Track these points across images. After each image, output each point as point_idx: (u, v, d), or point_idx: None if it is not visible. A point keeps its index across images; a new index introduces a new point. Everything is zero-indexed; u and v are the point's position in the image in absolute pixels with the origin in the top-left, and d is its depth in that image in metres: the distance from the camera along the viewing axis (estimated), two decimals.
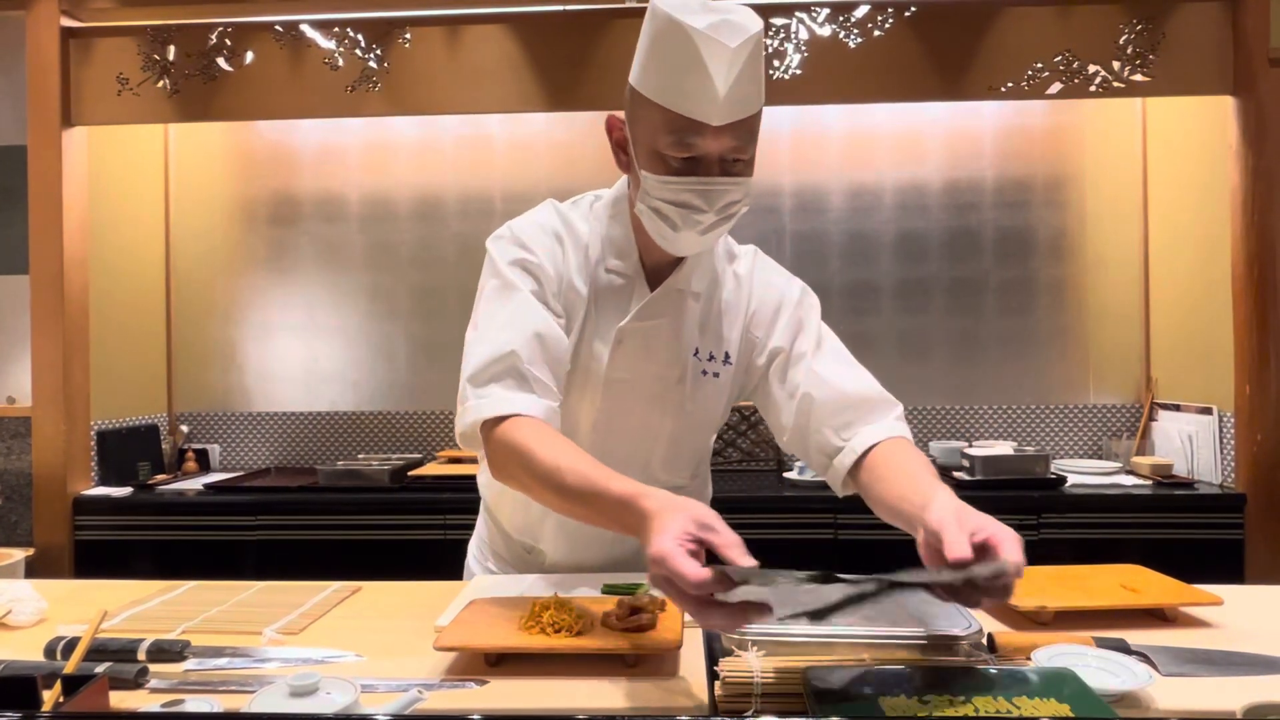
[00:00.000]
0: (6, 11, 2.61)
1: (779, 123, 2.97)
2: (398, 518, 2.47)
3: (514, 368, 1.05)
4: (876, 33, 2.50)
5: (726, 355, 1.15)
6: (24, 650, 1.04)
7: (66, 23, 2.59)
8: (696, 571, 0.74)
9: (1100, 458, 2.85)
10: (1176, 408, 2.71)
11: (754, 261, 1.23)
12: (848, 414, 1.11)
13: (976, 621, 0.99)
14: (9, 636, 1.13)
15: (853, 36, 2.51)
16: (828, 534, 2.40)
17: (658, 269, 1.13)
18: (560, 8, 2.58)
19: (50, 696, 0.80)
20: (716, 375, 1.13)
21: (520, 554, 1.33)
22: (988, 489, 2.44)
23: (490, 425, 1.04)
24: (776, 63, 2.53)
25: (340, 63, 2.59)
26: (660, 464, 1.18)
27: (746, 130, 1.05)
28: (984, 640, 1.00)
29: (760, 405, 1.21)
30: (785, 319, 1.19)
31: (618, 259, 1.13)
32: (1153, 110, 2.88)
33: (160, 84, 2.62)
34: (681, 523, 0.78)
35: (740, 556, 0.77)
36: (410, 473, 2.63)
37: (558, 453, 0.95)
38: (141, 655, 1.01)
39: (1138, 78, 2.46)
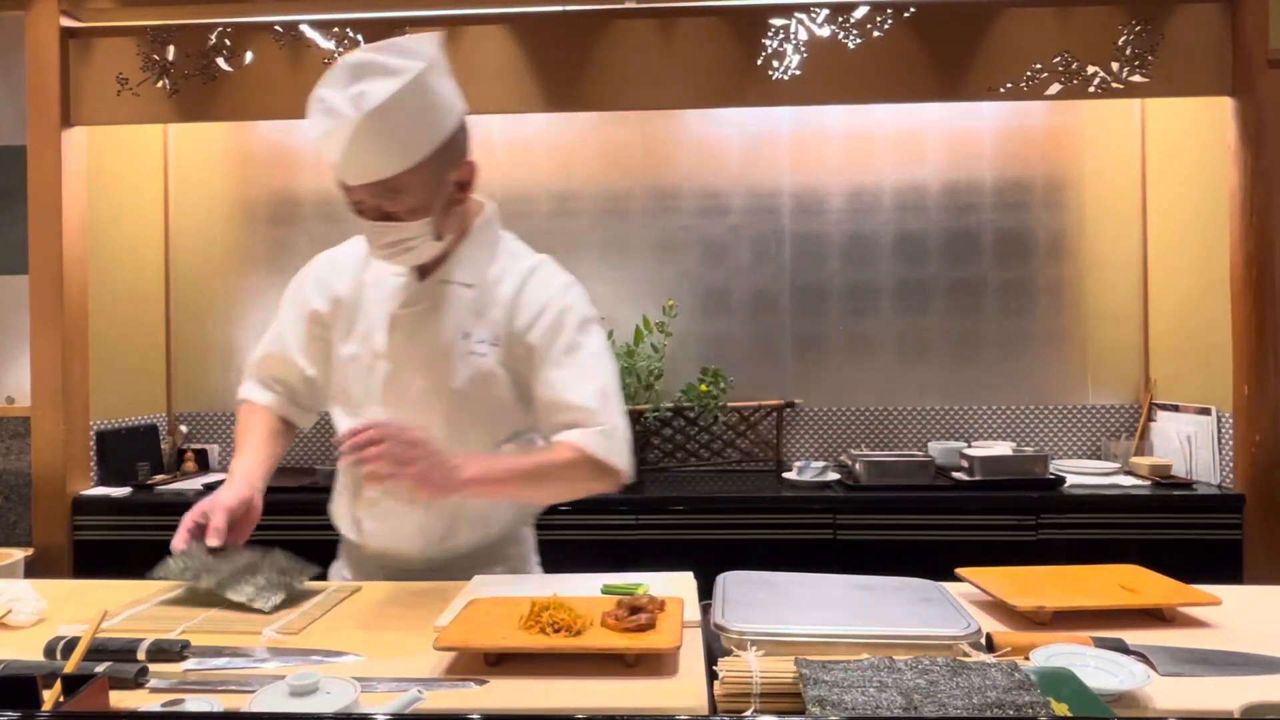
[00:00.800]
0: (6, 11, 2.61)
1: (778, 123, 2.97)
2: None
3: (255, 371, 1.43)
4: (876, 33, 2.51)
5: (495, 339, 1.29)
6: (24, 650, 1.04)
7: (66, 23, 2.59)
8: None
9: (1099, 458, 2.86)
10: (1175, 408, 2.72)
11: (537, 266, 1.35)
12: (563, 416, 1.26)
13: (975, 621, 0.99)
14: (9, 636, 1.13)
15: (852, 37, 2.51)
16: (827, 534, 2.40)
17: (431, 266, 1.31)
18: (559, 9, 2.58)
19: (50, 696, 0.80)
20: (484, 355, 1.28)
21: (353, 547, 1.43)
22: (986, 489, 2.44)
23: (240, 404, 1.44)
24: (776, 63, 2.53)
25: None
26: (447, 434, 1.28)
27: (388, 189, 1.17)
28: (982, 640, 1.00)
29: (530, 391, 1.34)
30: (546, 321, 1.29)
31: (381, 263, 1.32)
32: (1151, 111, 2.88)
33: (160, 84, 2.62)
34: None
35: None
36: None
37: (240, 429, 1.39)
38: (141, 655, 1.01)
39: (1136, 79, 2.47)
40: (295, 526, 2.47)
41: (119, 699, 0.90)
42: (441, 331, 1.28)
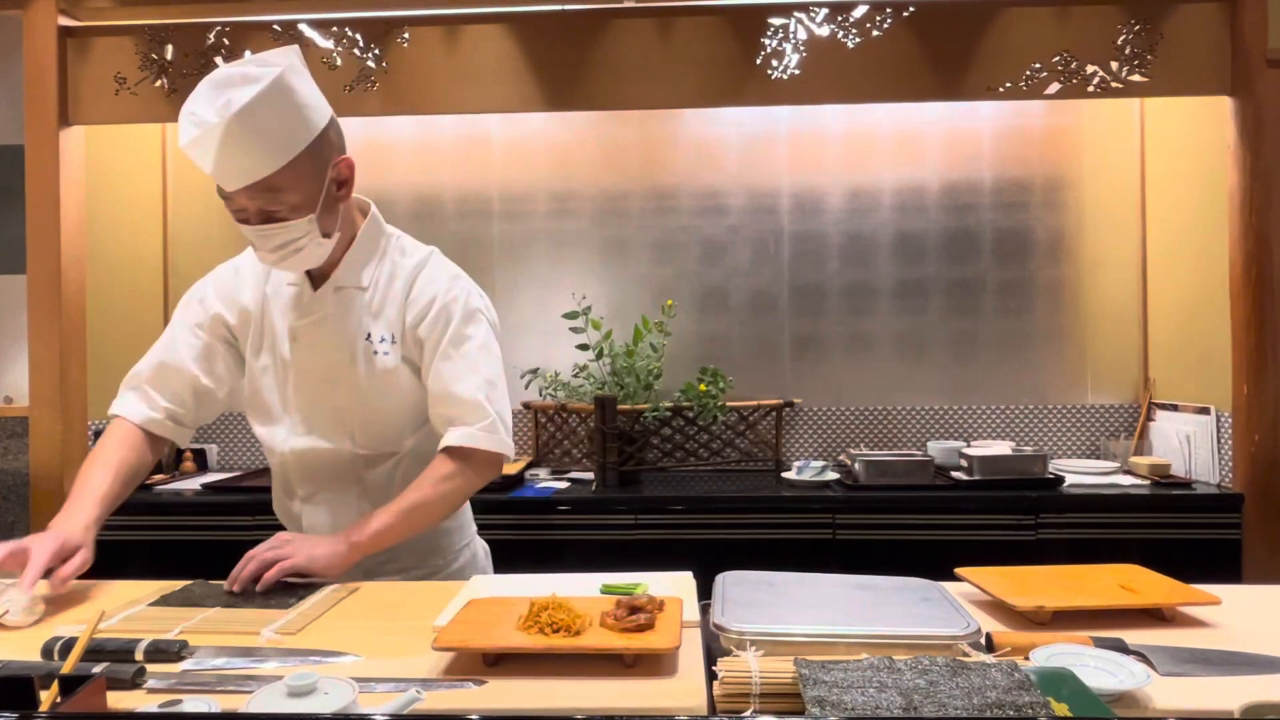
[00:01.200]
0: (3, 11, 2.61)
1: (777, 123, 2.97)
2: None
3: (138, 382, 1.40)
4: (875, 33, 2.51)
5: (393, 337, 1.34)
6: (21, 651, 1.04)
7: (64, 22, 2.59)
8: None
9: (1098, 458, 2.86)
10: (1174, 408, 2.72)
11: (427, 260, 1.41)
12: (450, 409, 1.32)
13: (975, 621, 0.99)
14: (6, 637, 1.13)
15: (851, 36, 2.51)
16: (826, 534, 2.40)
17: (323, 274, 1.35)
18: (558, 8, 2.58)
19: (47, 697, 0.80)
20: (387, 354, 1.33)
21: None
22: (986, 489, 2.44)
23: (111, 418, 1.42)
24: (775, 62, 2.53)
25: (338, 62, 2.59)
26: (362, 437, 1.37)
27: (267, 188, 1.21)
28: (982, 640, 1.00)
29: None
30: (433, 314, 1.34)
31: (291, 273, 1.35)
32: (1150, 111, 2.88)
33: (158, 83, 2.61)
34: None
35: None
36: None
37: (95, 453, 1.35)
38: (139, 655, 1.00)
39: (1136, 78, 2.47)
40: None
41: (116, 699, 0.90)
42: (342, 337, 1.33)
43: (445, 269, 1.41)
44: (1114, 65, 2.47)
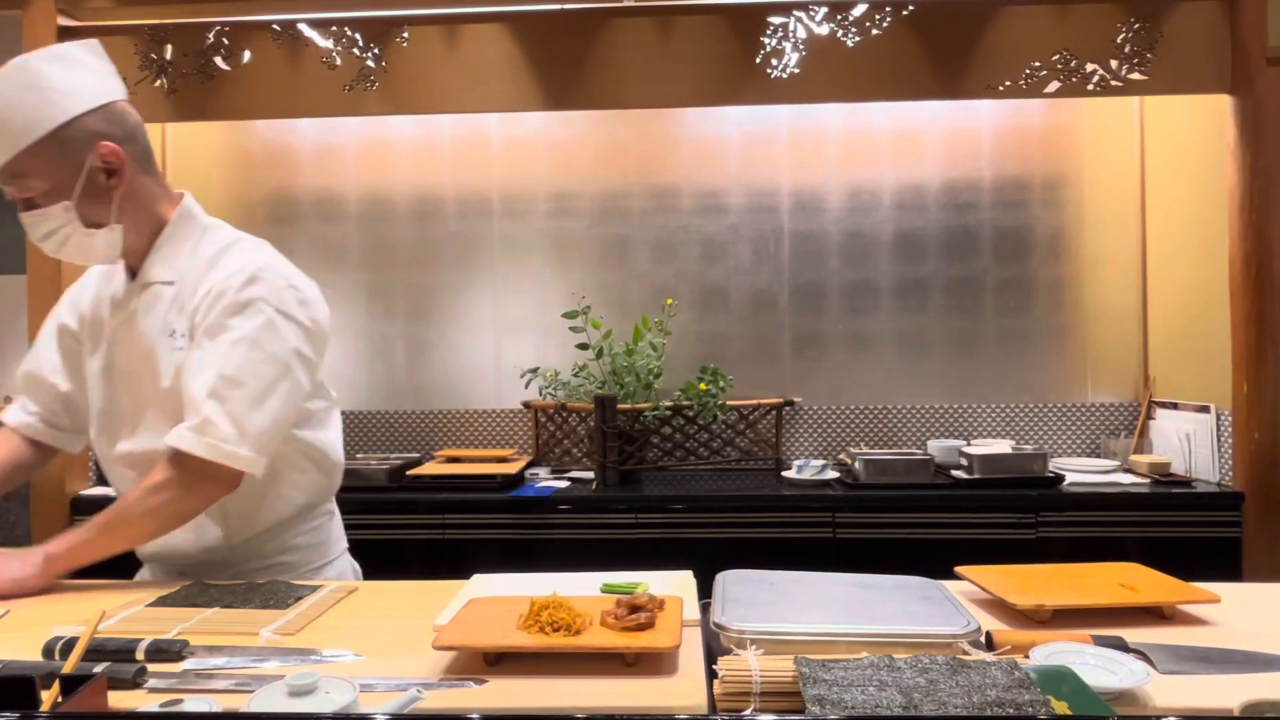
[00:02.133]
0: (3, 11, 2.61)
1: (777, 122, 2.97)
2: (396, 517, 2.47)
3: (15, 390, 1.42)
4: (874, 31, 2.50)
5: (188, 331, 1.26)
6: (22, 650, 1.04)
7: (63, 22, 2.59)
8: None
9: (1098, 456, 2.86)
10: (1174, 406, 2.72)
11: (229, 246, 1.31)
12: (183, 405, 1.23)
13: (974, 620, 0.99)
14: (7, 637, 1.13)
15: (850, 35, 2.51)
16: (826, 533, 2.40)
17: (135, 268, 1.31)
18: (558, 7, 2.58)
19: (49, 696, 0.80)
20: (180, 348, 1.25)
21: (145, 558, 1.43)
22: (986, 487, 2.44)
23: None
24: (774, 61, 2.53)
25: (338, 62, 2.59)
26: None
27: (10, 174, 1.19)
28: (982, 638, 1.00)
29: None
30: (211, 299, 1.24)
31: (120, 269, 1.33)
32: (1150, 109, 2.88)
33: (157, 83, 2.61)
34: None
35: None
36: (408, 472, 2.63)
37: None
38: (140, 655, 1.01)
39: (1135, 76, 2.47)
40: None
41: (117, 699, 0.90)
42: (148, 334, 1.27)
43: (240, 257, 1.28)
44: (1114, 63, 2.47)
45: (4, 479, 1.38)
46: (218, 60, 2.60)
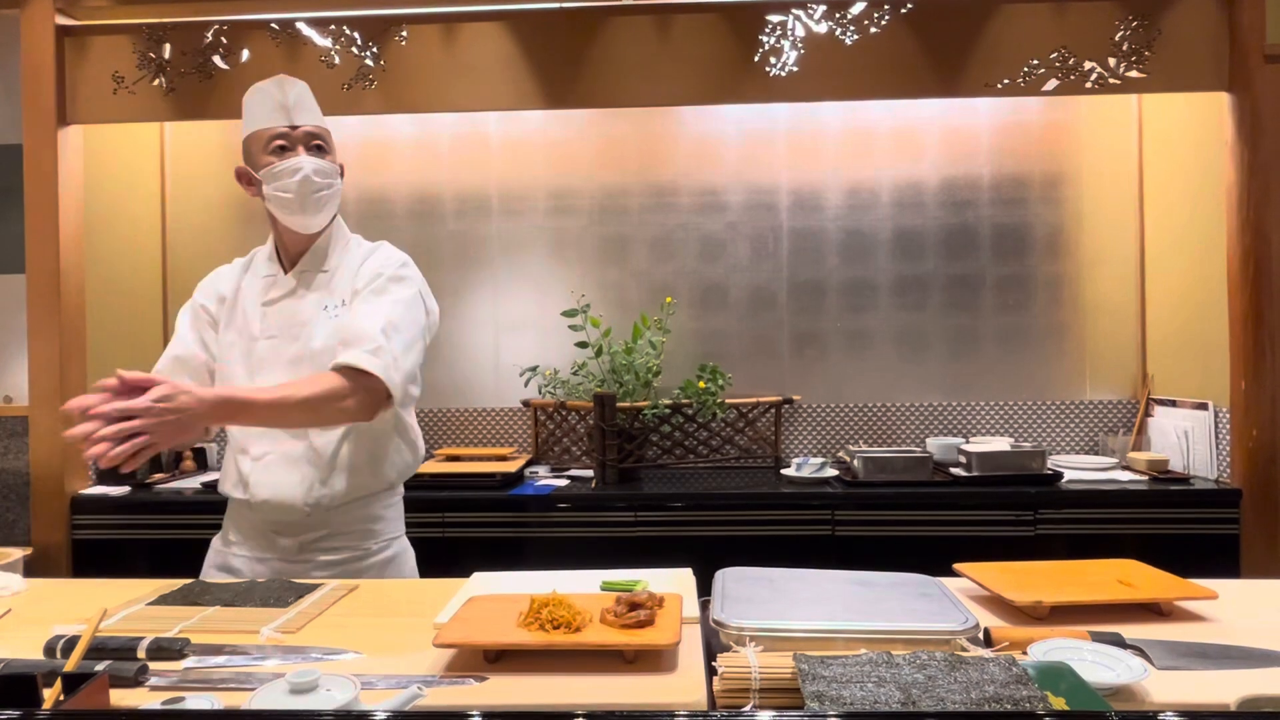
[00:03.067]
0: (1, 10, 2.61)
1: (776, 120, 2.97)
2: None
3: (162, 376, 1.44)
4: (873, 30, 2.50)
5: (343, 302, 1.55)
6: (24, 649, 1.04)
7: (61, 21, 2.58)
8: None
9: (1096, 453, 2.86)
10: (1172, 403, 2.72)
11: (378, 246, 1.64)
12: (350, 337, 1.45)
13: (973, 617, 0.99)
14: (9, 636, 1.13)
15: (849, 33, 2.51)
16: (825, 530, 2.40)
17: (293, 262, 1.59)
18: (556, 5, 2.58)
19: (51, 695, 0.80)
20: (336, 316, 1.54)
21: (239, 506, 1.57)
22: (984, 485, 2.45)
23: None
24: (773, 60, 2.53)
25: (336, 61, 2.59)
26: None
27: (320, 134, 1.64)
28: (980, 635, 1.00)
29: None
30: (369, 274, 1.55)
31: (267, 263, 1.61)
32: (1148, 107, 2.88)
33: (156, 82, 2.61)
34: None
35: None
36: None
37: None
38: (141, 653, 1.01)
39: (1133, 74, 2.47)
40: None
41: (119, 697, 0.91)
42: (304, 307, 1.54)
43: (390, 249, 1.63)
44: (1112, 61, 2.47)
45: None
46: (216, 59, 2.60)
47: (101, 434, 1.16)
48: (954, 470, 2.56)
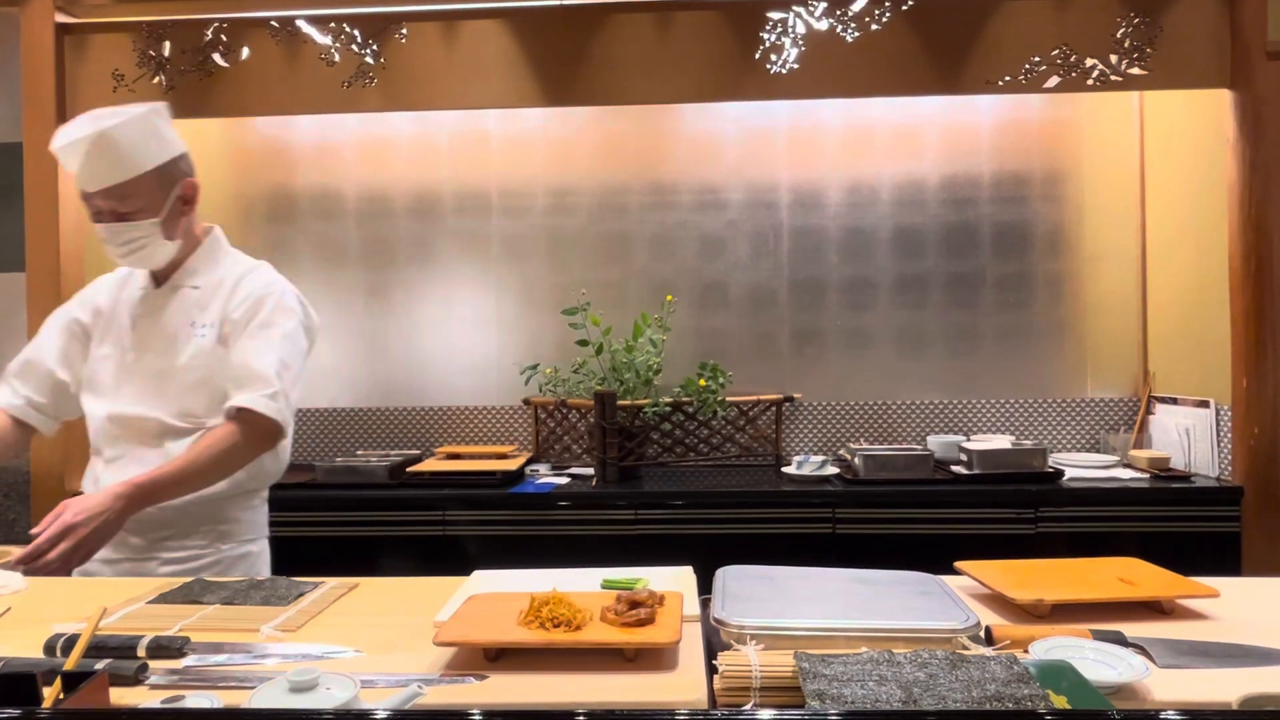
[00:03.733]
0: (2, 8, 2.60)
1: (776, 118, 2.97)
2: (396, 514, 2.47)
3: (8, 375, 1.64)
4: (874, 27, 2.50)
5: (214, 323, 1.59)
6: (23, 648, 1.04)
7: (61, 19, 2.58)
8: None
9: (1098, 451, 2.86)
10: (1174, 401, 2.72)
11: (255, 267, 1.67)
12: (241, 378, 1.53)
13: (974, 615, 0.99)
14: (8, 634, 1.13)
15: (850, 30, 2.50)
16: (826, 528, 2.40)
17: (165, 276, 1.63)
18: (557, 2, 2.57)
19: (50, 693, 0.80)
20: (203, 336, 1.58)
21: None
22: (985, 482, 2.45)
23: None
24: (774, 57, 2.52)
25: (336, 58, 2.58)
26: (174, 407, 1.56)
27: (119, 194, 1.50)
28: (981, 633, 1.00)
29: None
30: (249, 303, 1.58)
31: (142, 276, 1.65)
32: (1150, 104, 2.88)
33: (156, 80, 2.61)
34: None
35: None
36: (409, 469, 2.63)
37: None
38: (141, 652, 1.01)
39: (1135, 71, 2.46)
40: (293, 523, 2.48)
41: (119, 696, 0.90)
42: (173, 323, 1.59)
43: (267, 274, 1.66)
44: (1113, 58, 2.47)
45: None
46: (216, 57, 2.60)
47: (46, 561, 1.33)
48: (955, 468, 2.56)
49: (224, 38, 2.59)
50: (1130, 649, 0.96)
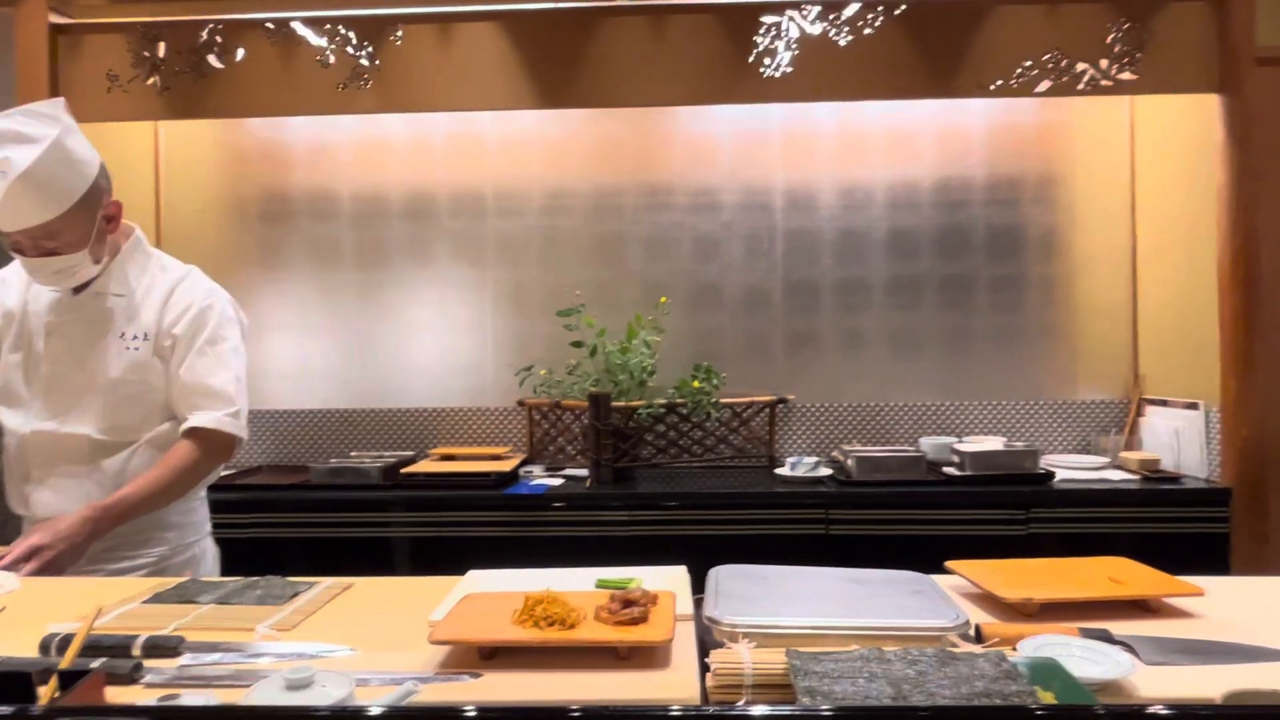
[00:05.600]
0: None
1: (770, 120, 2.98)
2: (390, 514, 2.47)
3: None
4: (866, 31, 2.52)
5: (147, 335, 1.54)
6: (19, 647, 1.05)
7: (55, 19, 2.58)
8: None
9: (1089, 453, 2.88)
10: (1164, 403, 2.74)
11: (185, 275, 1.62)
12: (202, 398, 1.53)
13: (964, 613, 1.00)
14: (3, 633, 1.13)
15: (843, 34, 2.52)
16: (819, 529, 2.41)
17: (84, 282, 1.54)
18: (551, 5, 2.58)
19: (46, 692, 0.80)
20: (137, 349, 1.53)
21: (27, 521, 1.60)
22: (977, 484, 2.46)
23: None
24: (767, 60, 2.54)
25: (331, 60, 2.59)
26: (104, 424, 1.53)
27: (46, 232, 1.41)
28: (971, 631, 1.01)
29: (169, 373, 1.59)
30: (190, 317, 1.55)
31: None
32: (1140, 108, 2.90)
33: (150, 81, 2.61)
34: None
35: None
36: (403, 470, 2.64)
37: None
38: (136, 651, 1.01)
39: (1125, 76, 2.49)
40: (288, 524, 2.48)
41: (114, 694, 0.91)
42: (97, 334, 1.53)
43: (202, 282, 1.62)
44: (1104, 63, 2.49)
45: None
46: (211, 58, 2.60)
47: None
48: (947, 470, 2.57)
49: (219, 39, 2.60)
50: (1117, 646, 0.97)
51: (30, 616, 1.19)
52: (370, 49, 2.58)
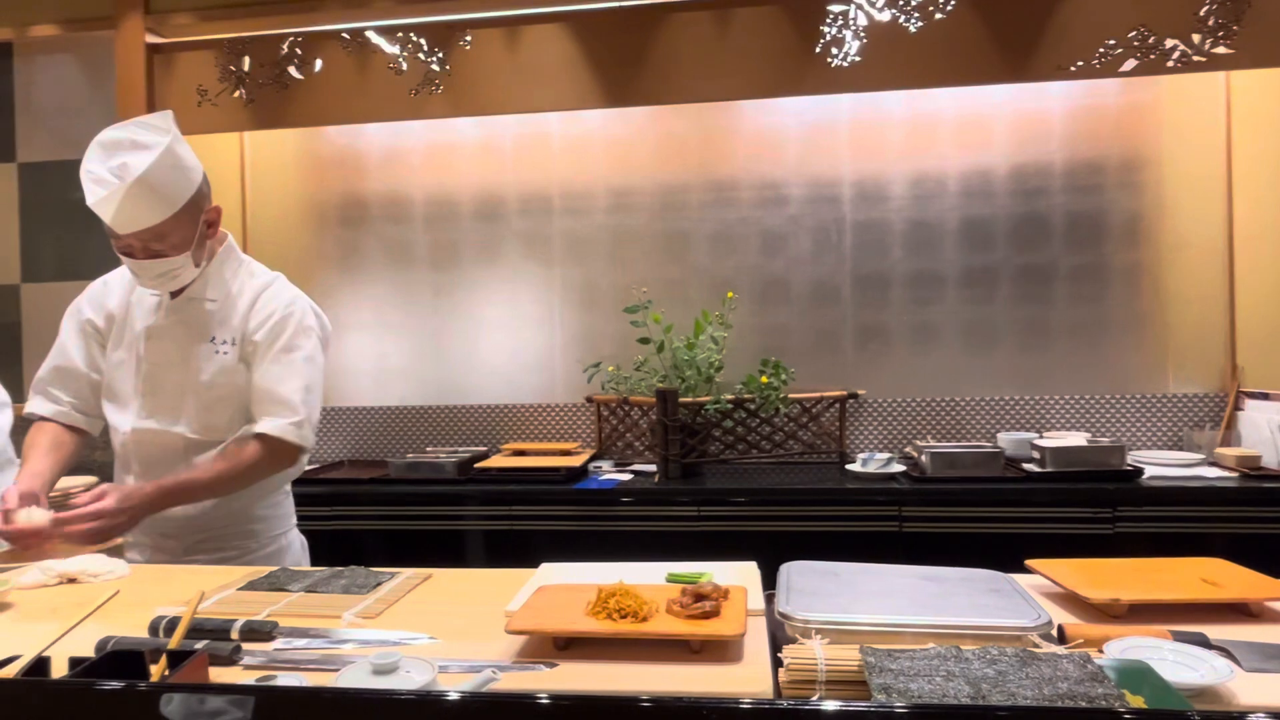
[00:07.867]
0: (98, 31, 2.77)
1: (838, 111, 2.93)
2: (464, 508, 2.54)
3: (42, 386, 1.66)
4: (937, 15, 2.45)
5: (232, 340, 1.60)
6: (130, 628, 1.12)
7: (151, 39, 2.74)
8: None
9: (1181, 449, 2.74)
10: (1264, 396, 2.59)
11: (271, 282, 1.66)
12: (270, 405, 1.57)
13: (1045, 613, 0.97)
14: (117, 615, 1.21)
15: (913, 20, 2.46)
16: (893, 526, 2.37)
17: (182, 288, 1.60)
18: (616, 4, 2.60)
19: (156, 670, 0.86)
20: (225, 353, 1.60)
21: None
22: (1059, 481, 2.37)
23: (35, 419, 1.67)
24: (835, 50, 2.50)
25: (404, 67, 2.67)
26: (195, 423, 1.59)
27: (155, 234, 1.47)
28: (1053, 631, 0.98)
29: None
30: (270, 324, 1.59)
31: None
32: (1237, 84, 2.73)
33: (236, 94, 2.74)
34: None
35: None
36: (476, 465, 2.70)
37: (26, 444, 1.61)
38: (235, 634, 1.07)
39: (1220, 50, 2.35)
40: (368, 516, 2.57)
41: (215, 674, 0.96)
42: (190, 338, 1.60)
43: (287, 290, 1.66)
44: (1195, 38, 2.36)
45: (62, 465, 1.60)
46: (292, 70, 2.71)
47: (74, 530, 1.35)
48: (1027, 466, 2.49)
49: (299, 51, 2.71)
50: (1213, 651, 0.92)
51: (139, 600, 1.28)
52: (440, 55, 2.65)
